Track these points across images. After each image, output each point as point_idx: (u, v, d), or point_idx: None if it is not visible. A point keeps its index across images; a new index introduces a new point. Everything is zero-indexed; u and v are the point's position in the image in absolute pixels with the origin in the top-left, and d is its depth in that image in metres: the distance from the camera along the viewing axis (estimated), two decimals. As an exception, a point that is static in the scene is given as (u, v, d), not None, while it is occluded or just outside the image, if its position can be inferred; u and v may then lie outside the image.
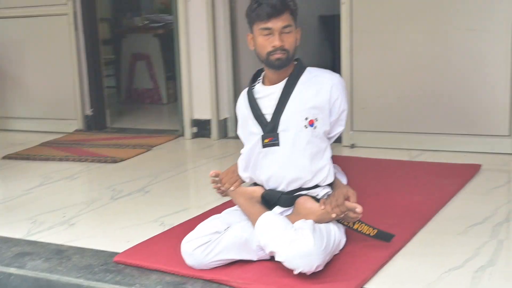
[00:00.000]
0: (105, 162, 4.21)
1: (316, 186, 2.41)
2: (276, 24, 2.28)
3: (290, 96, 2.36)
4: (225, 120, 4.90)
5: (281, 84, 2.39)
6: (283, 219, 2.30)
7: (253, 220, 2.31)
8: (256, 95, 2.43)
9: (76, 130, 5.38)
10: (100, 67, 5.54)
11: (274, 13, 2.27)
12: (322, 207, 2.29)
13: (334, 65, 5.55)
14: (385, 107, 4.24)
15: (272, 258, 2.28)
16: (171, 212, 3.11)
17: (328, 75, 2.42)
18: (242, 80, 5.00)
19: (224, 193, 2.58)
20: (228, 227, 2.34)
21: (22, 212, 3.23)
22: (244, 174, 2.52)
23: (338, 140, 3.98)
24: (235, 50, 4.90)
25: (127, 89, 7.05)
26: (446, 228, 2.69)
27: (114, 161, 4.21)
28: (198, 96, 4.90)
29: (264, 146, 2.38)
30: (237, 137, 2.64)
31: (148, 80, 6.89)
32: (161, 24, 7.11)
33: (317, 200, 2.36)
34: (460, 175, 3.42)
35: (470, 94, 4.01)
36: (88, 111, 5.44)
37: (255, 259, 2.32)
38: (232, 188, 2.49)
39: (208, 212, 2.98)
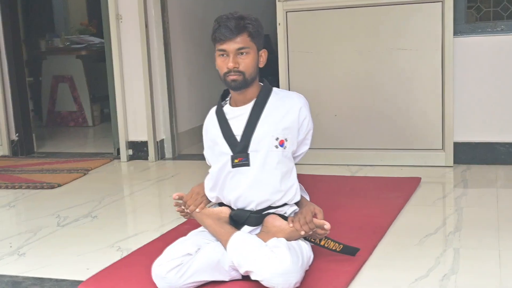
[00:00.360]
0: (42, 188, 4.05)
1: (284, 204, 2.44)
2: (230, 46, 2.31)
3: (260, 117, 2.39)
4: (161, 141, 4.85)
5: (250, 105, 2.41)
6: (256, 238, 2.31)
7: (223, 240, 2.32)
8: (227, 116, 2.44)
9: (2, 156, 5.15)
10: (25, 90, 5.35)
11: (230, 36, 2.30)
12: (291, 224, 2.33)
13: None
14: (322, 124, 4.34)
15: (244, 278, 2.28)
16: (125, 237, 3.05)
17: (295, 95, 2.47)
18: (178, 100, 4.99)
19: (188, 215, 2.56)
20: (198, 249, 2.33)
21: (-36, 245, 3.06)
22: (210, 194, 2.51)
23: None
24: (169, 70, 4.88)
25: (49, 112, 6.83)
26: (403, 240, 2.79)
27: (52, 186, 4.06)
28: (133, 117, 4.83)
29: (234, 166, 2.39)
30: (175, 158, 2.66)
31: (72, 102, 6.71)
32: (83, 45, 6.96)
33: (285, 218, 2.39)
34: (404, 188, 3.56)
35: (404, 110, 4.19)
36: (14, 136, 5.23)
37: (227, 279, 2.31)
38: (197, 210, 2.48)
39: (166, 234, 2.94)
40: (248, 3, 6.07)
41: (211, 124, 2.51)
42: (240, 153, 2.38)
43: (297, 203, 2.49)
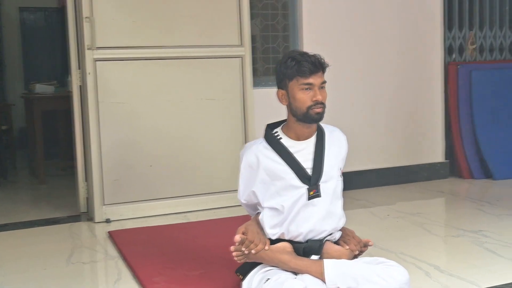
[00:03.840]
0: None
1: None
2: (317, 80, 2.40)
3: (324, 150, 2.49)
4: None
5: (313, 139, 2.49)
6: (350, 261, 2.42)
7: (313, 271, 2.34)
8: (291, 150, 2.45)
9: None
10: None
11: (315, 70, 2.38)
12: (347, 247, 2.49)
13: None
14: (138, 176, 4.27)
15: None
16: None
17: (338, 129, 2.64)
18: None
19: (245, 257, 2.46)
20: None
21: None
22: (273, 231, 2.46)
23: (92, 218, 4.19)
24: None
25: None
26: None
27: None
28: None
29: (310, 198, 2.42)
30: None
31: None
32: None
33: (335, 242, 2.54)
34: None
35: (211, 157, 4.45)
36: None
37: None
38: (266, 247, 2.40)
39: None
40: None
41: (266, 157, 2.47)
42: (313, 185, 2.42)
43: None
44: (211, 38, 4.41)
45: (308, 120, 2.44)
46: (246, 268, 2.54)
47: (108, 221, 4.16)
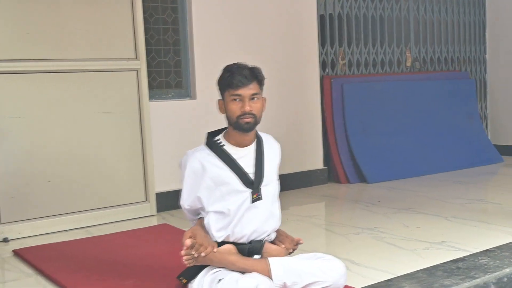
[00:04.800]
0: None
1: None
2: (245, 91, 2.52)
3: (264, 156, 2.62)
4: None
5: (253, 146, 2.63)
6: (291, 258, 2.59)
7: (260, 269, 2.48)
8: (234, 156, 2.55)
9: None
10: None
11: (245, 82, 2.51)
12: (283, 246, 2.66)
13: None
14: (35, 192, 4.14)
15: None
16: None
17: (271, 137, 2.80)
18: None
19: (194, 260, 2.53)
20: None
21: None
22: (219, 234, 2.56)
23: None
24: None
25: None
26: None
27: None
28: None
29: (253, 201, 2.55)
30: None
31: None
32: None
33: (271, 242, 2.69)
34: (170, 234, 3.96)
35: (108, 170, 4.44)
36: None
37: None
38: (215, 250, 2.49)
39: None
40: None
41: (210, 164, 2.56)
42: (256, 189, 2.56)
43: None
44: (106, 51, 4.42)
45: (238, 129, 2.58)
46: (191, 272, 2.63)
47: (6, 240, 3.99)
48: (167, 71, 4.93)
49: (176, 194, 4.59)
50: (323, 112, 5.81)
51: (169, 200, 4.72)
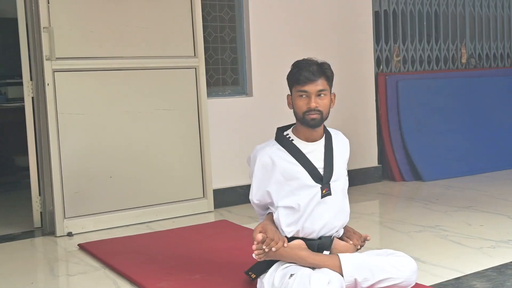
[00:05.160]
0: None
1: None
2: (312, 88, 2.53)
3: (333, 151, 2.63)
4: None
5: (322, 141, 2.64)
6: (362, 254, 2.59)
7: (330, 265, 2.48)
8: (303, 150, 2.57)
9: None
10: None
11: (312, 78, 2.52)
12: (351, 242, 2.67)
13: None
14: (97, 188, 4.22)
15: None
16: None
17: (341, 133, 2.80)
18: None
19: (264, 255, 2.53)
20: None
21: None
22: (288, 229, 2.57)
23: (52, 232, 4.14)
24: None
25: None
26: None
27: None
28: None
29: (323, 196, 2.56)
30: None
31: None
32: None
33: (339, 238, 2.70)
34: (230, 230, 3.99)
35: (169, 166, 4.49)
36: None
37: None
38: (285, 245, 2.50)
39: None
40: None
41: (280, 158, 2.58)
42: (325, 184, 2.56)
43: None
44: (166, 49, 4.48)
45: (305, 124, 2.59)
46: (261, 267, 2.65)
47: (70, 234, 4.08)
48: (224, 69, 4.97)
49: (233, 190, 4.75)
50: (378, 109, 5.76)
51: (225, 197, 4.76)
